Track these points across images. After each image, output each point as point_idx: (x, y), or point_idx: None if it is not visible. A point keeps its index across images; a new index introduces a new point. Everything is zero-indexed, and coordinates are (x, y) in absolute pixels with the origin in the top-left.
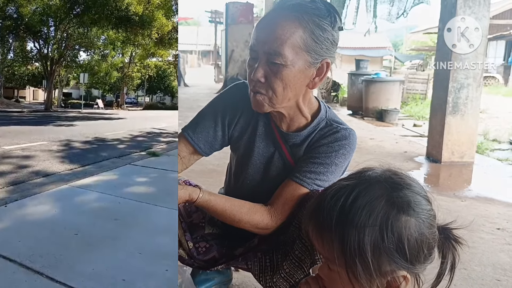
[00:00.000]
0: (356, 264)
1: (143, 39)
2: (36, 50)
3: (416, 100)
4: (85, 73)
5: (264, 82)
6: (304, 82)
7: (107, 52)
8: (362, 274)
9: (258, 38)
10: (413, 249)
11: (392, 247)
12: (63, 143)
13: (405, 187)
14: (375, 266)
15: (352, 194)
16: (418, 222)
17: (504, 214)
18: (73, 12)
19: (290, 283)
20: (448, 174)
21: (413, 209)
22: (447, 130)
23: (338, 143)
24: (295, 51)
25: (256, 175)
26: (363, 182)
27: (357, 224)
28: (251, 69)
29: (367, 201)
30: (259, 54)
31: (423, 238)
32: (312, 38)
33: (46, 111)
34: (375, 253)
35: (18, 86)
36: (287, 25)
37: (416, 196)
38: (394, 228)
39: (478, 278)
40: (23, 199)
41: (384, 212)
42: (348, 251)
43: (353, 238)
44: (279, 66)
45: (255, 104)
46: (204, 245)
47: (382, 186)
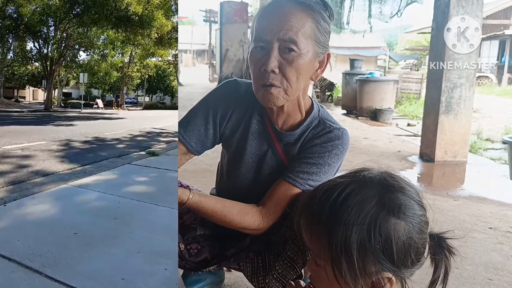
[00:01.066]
0: (342, 261)
1: (143, 39)
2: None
3: (410, 100)
4: (85, 73)
5: (278, 73)
6: (310, 73)
7: (107, 52)
8: (347, 272)
9: (268, 27)
10: (400, 252)
11: (378, 247)
12: (63, 142)
13: (398, 190)
14: (360, 264)
15: (344, 191)
16: (408, 226)
17: (496, 213)
18: (73, 12)
19: (283, 283)
20: (441, 173)
21: (404, 212)
22: (440, 129)
23: (331, 143)
24: (307, 40)
25: (248, 174)
26: (357, 181)
27: (345, 221)
28: (259, 61)
29: (358, 200)
30: (271, 43)
31: (411, 243)
32: (319, 28)
33: (46, 111)
34: (361, 252)
35: (18, 86)
36: (298, 14)
37: (409, 200)
38: (382, 229)
39: (470, 277)
40: (23, 198)
41: (373, 212)
42: (334, 247)
43: (340, 235)
44: (294, 55)
45: (269, 99)
46: (195, 247)
47: (375, 187)
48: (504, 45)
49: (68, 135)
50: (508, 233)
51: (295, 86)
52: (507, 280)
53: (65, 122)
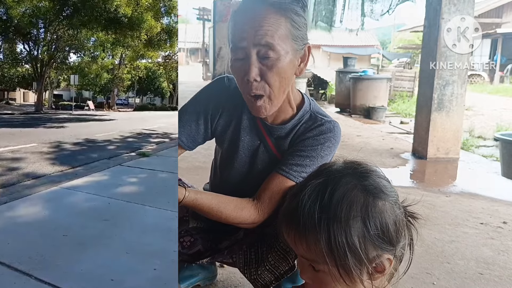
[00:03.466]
0: (347, 258)
1: (133, 41)
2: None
3: (403, 98)
4: (76, 75)
5: (260, 81)
6: (293, 71)
7: (97, 54)
8: (354, 266)
9: (243, 34)
10: (393, 231)
11: (376, 233)
12: (54, 145)
13: (371, 174)
14: (364, 255)
15: (327, 191)
16: (391, 204)
17: (487, 209)
18: (63, 14)
19: (275, 275)
20: (434, 170)
21: (384, 192)
22: (432, 126)
23: (323, 136)
24: (284, 41)
25: (241, 169)
26: (333, 177)
27: (340, 218)
28: (240, 70)
29: (344, 194)
30: (248, 51)
31: (398, 218)
32: (293, 25)
33: (37, 113)
34: (362, 242)
35: (8, 88)
36: (271, 17)
37: (382, 181)
38: (375, 214)
39: (461, 272)
40: (13, 201)
41: (362, 201)
42: (336, 247)
43: (339, 233)
44: (273, 60)
45: (257, 110)
46: (188, 239)
47: (352, 177)
48: (496, 44)
49: (59, 137)
50: (499, 228)
51: (278, 91)
52: (497, 275)
53: (56, 124)
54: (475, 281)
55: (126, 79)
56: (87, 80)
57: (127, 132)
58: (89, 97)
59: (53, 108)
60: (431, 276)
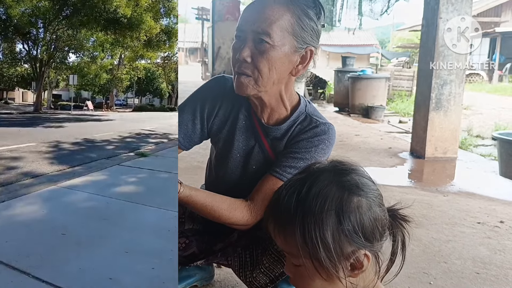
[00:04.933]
0: (320, 251)
1: (132, 41)
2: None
3: (402, 97)
4: (75, 75)
5: (250, 62)
6: (288, 67)
7: (97, 54)
8: (327, 260)
9: (246, 18)
10: (368, 227)
11: (350, 228)
12: (52, 144)
13: (351, 171)
14: (337, 249)
15: (305, 185)
16: (368, 201)
17: (485, 209)
18: (62, 14)
19: (270, 277)
20: (432, 169)
21: (361, 189)
22: (430, 126)
23: (317, 138)
24: (283, 33)
25: (236, 169)
26: (312, 173)
27: (314, 211)
28: (236, 50)
29: (320, 189)
30: (246, 34)
31: (376, 216)
32: (298, 23)
33: (36, 113)
34: (335, 236)
35: (7, 87)
36: (276, 7)
37: (362, 178)
38: (349, 209)
39: (458, 271)
40: (11, 200)
41: (337, 196)
42: (310, 240)
43: (312, 226)
44: (266, 46)
45: (239, 86)
46: (183, 241)
47: (331, 174)
48: (494, 43)
49: (57, 137)
50: (496, 228)
51: (266, 76)
52: (494, 274)
53: (55, 124)
54: (471, 281)
55: (125, 80)
56: (86, 80)
57: (126, 132)
58: (88, 97)
59: (52, 108)
60: (428, 276)
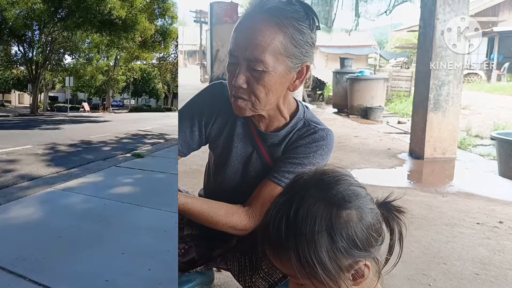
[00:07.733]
0: (318, 272)
1: (127, 43)
2: (20, 54)
3: (400, 98)
4: (71, 77)
5: (246, 88)
6: (285, 86)
7: (92, 56)
8: (327, 278)
9: (238, 44)
10: (362, 237)
11: (344, 245)
12: (49, 146)
13: (335, 183)
14: (336, 267)
15: (292, 207)
16: (358, 212)
17: (484, 209)
18: (57, 16)
19: (269, 282)
20: (431, 170)
21: (349, 201)
22: (429, 126)
23: (316, 144)
24: (276, 57)
25: (234, 175)
26: (297, 193)
27: (305, 234)
28: (231, 74)
29: (307, 210)
30: (239, 60)
31: (368, 225)
32: (292, 43)
33: (32, 115)
34: (331, 255)
35: (3, 90)
36: (267, 30)
37: (349, 188)
38: (340, 226)
39: (457, 272)
40: (7, 203)
41: (326, 214)
42: (306, 263)
43: (306, 250)
44: (261, 73)
45: (237, 109)
46: (182, 247)
47: (316, 191)
48: (492, 42)
49: (54, 139)
50: (495, 228)
51: (264, 101)
52: (493, 275)
53: (51, 126)
54: (471, 282)
55: (121, 81)
56: (82, 82)
57: (122, 133)
58: (84, 99)
59: (48, 110)
60: (428, 277)
